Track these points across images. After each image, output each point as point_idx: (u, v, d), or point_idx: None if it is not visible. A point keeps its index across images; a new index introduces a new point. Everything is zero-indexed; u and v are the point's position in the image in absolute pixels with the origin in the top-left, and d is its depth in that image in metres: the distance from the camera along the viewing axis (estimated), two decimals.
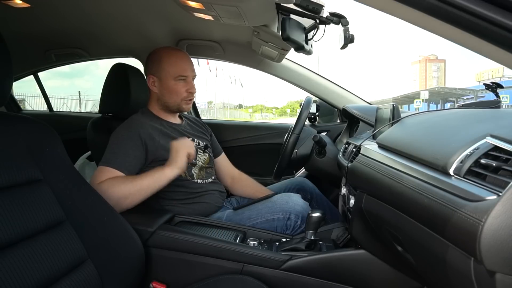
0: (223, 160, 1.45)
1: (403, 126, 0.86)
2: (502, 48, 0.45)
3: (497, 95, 1.38)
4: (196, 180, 1.20)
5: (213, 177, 1.29)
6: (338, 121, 1.92)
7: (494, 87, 1.38)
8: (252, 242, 0.97)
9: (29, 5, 1.29)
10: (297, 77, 1.82)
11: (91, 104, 15.99)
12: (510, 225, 0.37)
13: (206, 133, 1.40)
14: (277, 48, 1.40)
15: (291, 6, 1.01)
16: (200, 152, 1.27)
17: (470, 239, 0.40)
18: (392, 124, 0.92)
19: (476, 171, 0.47)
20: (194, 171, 1.21)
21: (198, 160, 1.25)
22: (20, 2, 1.26)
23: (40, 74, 2.40)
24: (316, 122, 1.95)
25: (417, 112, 0.94)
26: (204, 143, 1.32)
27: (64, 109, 11.77)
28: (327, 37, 1.09)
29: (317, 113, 1.90)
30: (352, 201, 0.92)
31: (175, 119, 1.29)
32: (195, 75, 1.25)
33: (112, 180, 1.00)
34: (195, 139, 1.29)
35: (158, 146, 1.13)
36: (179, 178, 1.16)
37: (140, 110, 1.25)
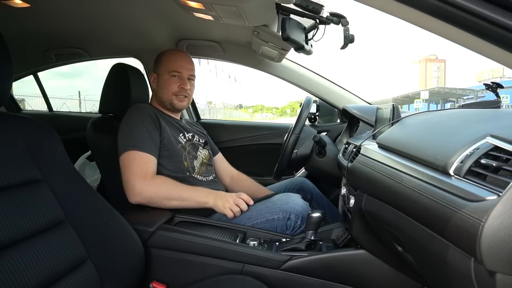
0: (220, 160, 1.48)
1: (403, 126, 0.86)
2: (502, 48, 0.45)
3: (497, 95, 1.38)
4: (197, 176, 1.21)
5: (214, 175, 1.31)
6: (338, 121, 1.92)
7: (494, 87, 1.38)
8: (252, 242, 0.97)
9: (29, 5, 1.29)
10: (297, 77, 1.82)
11: (91, 104, 15.97)
12: (510, 225, 0.37)
13: (204, 133, 1.44)
14: (277, 48, 1.40)
15: (291, 6, 1.01)
16: (200, 148, 1.31)
17: (470, 239, 0.40)
18: (392, 124, 0.92)
19: (476, 171, 0.47)
20: (196, 164, 1.23)
21: (199, 155, 1.28)
22: (20, 2, 1.26)
23: (40, 74, 2.40)
24: (316, 122, 1.95)
25: (417, 112, 0.93)
26: (204, 140, 1.36)
27: (64, 109, 11.75)
28: (327, 37, 1.09)
29: (317, 113, 1.90)
30: (352, 201, 0.92)
31: (176, 115, 1.33)
32: (192, 75, 1.28)
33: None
34: (195, 135, 1.33)
35: (163, 130, 1.17)
36: (180, 173, 1.17)
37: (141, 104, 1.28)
